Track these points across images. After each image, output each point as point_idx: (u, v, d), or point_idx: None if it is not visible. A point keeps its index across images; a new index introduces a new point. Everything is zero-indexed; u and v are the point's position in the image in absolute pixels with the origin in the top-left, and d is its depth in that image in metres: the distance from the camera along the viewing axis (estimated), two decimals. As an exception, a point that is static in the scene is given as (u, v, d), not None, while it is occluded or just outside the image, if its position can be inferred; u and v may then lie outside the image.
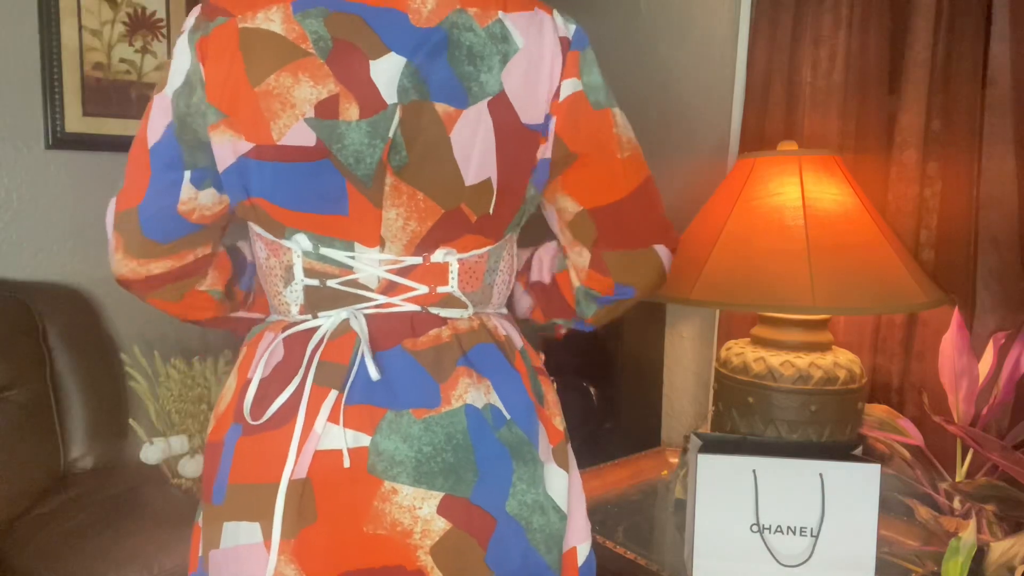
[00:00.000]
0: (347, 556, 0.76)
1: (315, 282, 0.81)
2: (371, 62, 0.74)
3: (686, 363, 1.96)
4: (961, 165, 1.40)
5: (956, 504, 1.30)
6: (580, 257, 0.89)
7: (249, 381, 0.81)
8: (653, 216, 0.88)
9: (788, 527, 1.19)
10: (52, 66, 1.85)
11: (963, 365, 1.31)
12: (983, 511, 1.23)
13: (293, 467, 0.75)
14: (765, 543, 1.19)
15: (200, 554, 0.85)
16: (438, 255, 0.82)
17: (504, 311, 0.95)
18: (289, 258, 0.81)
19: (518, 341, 0.90)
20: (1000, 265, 1.35)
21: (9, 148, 1.85)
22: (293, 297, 0.82)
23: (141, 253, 0.83)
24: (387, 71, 0.74)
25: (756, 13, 1.67)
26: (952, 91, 1.40)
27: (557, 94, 0.81)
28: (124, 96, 1.97)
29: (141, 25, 1.98)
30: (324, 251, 0.79)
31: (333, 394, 0.76)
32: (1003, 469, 1.18)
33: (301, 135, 0.74)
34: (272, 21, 0.74)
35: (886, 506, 1.27)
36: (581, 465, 1.85)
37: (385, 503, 0.75)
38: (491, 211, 0.82)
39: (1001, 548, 1.11)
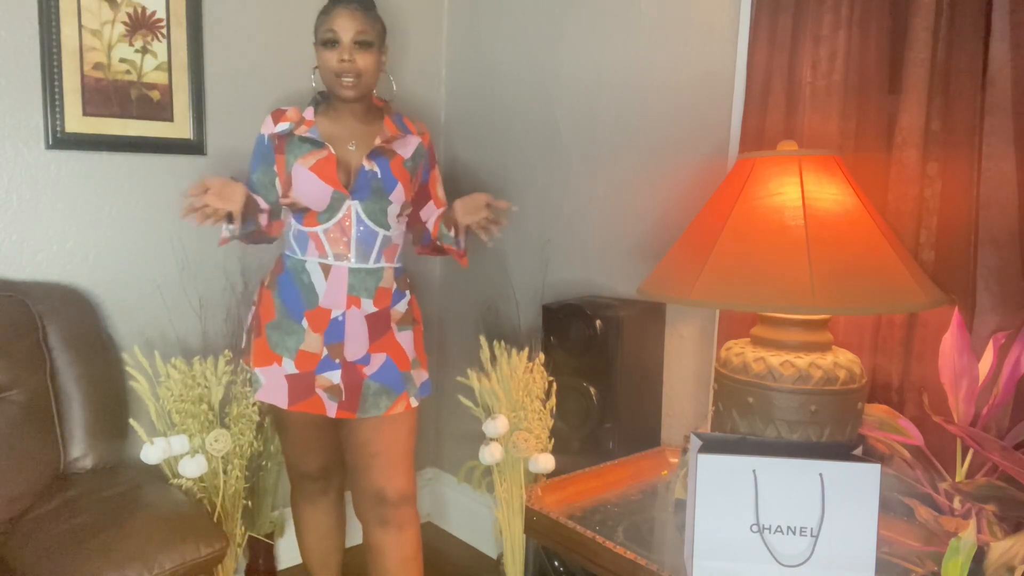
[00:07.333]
0: None
1: None
2: None
3: (686, 363, 1.96)
4: (961, 165, 1.40)
5: (956, 504, 1.30)
6: None
7: None
8: None
9: (788, 527, 1.19)
10: (52, 66, 1.85)
11: (963, 365, 1.31)
12: (983, 511, 1.22)
13: None
14: (765, 543, 1.19)
15: None
16: None
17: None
18: None
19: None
20: (1000, 265, 1.35)
21: (9, 148, 1.85)
22: None
23: None
24: None
25: (756, 13, 1.67)
26: (952, 91, 1.40)
27: None
28: (124, 96, 1.97)
29: (141, 25, 1.98)
30: None
31: None
32: (1003, 469, 1.18)
33: None
34: None
35: (886, 506, 1.27)
36: (581, 465, 1.83)
37: None
38: None
39: (1001, 548, 1.11)
